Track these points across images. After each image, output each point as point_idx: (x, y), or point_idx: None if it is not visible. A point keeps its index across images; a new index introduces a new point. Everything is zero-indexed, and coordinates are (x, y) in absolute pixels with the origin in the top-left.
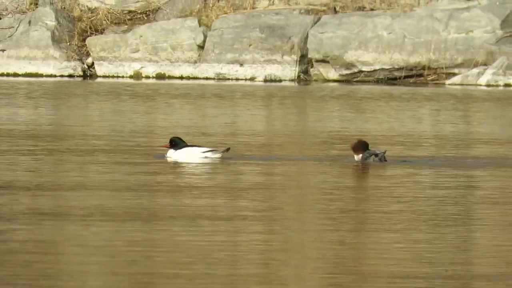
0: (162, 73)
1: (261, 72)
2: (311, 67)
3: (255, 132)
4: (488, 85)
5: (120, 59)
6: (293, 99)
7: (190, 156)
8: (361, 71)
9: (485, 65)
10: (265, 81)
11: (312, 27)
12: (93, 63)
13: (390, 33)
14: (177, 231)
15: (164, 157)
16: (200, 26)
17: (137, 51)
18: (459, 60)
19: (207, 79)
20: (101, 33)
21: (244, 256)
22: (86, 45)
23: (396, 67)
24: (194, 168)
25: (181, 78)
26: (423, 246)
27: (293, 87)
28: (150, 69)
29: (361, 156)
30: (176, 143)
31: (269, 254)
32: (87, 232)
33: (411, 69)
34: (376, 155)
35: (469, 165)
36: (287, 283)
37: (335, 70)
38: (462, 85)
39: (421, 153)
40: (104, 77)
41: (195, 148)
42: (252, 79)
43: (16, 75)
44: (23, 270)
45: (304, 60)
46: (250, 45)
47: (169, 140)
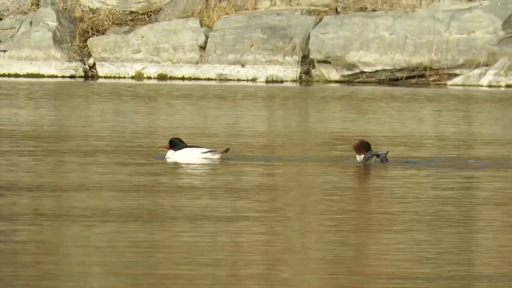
0: (163, 73)
1: (262, 73)
2: (313, 68)
3: (256, 133)
4: (489, 86)
5: (121, 59)
6: (295, 100)
7: (189, 157)
8: (362, 72)
9: (487, 66)
10: (267, 82)
11: (313, 27)
12: (94, 64)
13: (391, 34)
14: (178, 231)
15: (164, 158)
16: (201, 26)
17: (139, 51)
18: (461, 60)
19: (208, 80)
20: (103, 33)
21: (245, 257)
22: (87, 45)
23: (397, 67)
24: (195, 168)
25: (183, 79)
26: (425, 247)
27: (295, 88)
28: (151, 70)
29: (363, 156)
30: (175, 144)
31: (271, 254)
32: (89, 232)
33: (413, 70)
34: (378, 156)
35: (471, 166)
36: (289, 284)
37: (337, 71)
38: (463, 86)
39: (422, 154)
40: (105, 77)
41: (194, 149)
42: (253, 80)
43: (17, 75)
44: (25, 270)
45: (305, 61)
46: (251, 46)
47: (168, 141)
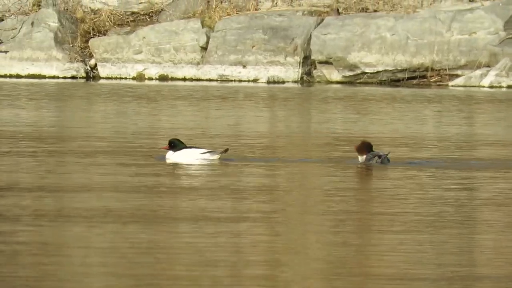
0: (165, 74)
1: (264, 73)
2: (314, 69)
3: (257, 133)
4: (491, 87)
5: (123, 60)
6: (296, 101)
7: (188, 157)
8: (364, 73)
9: (488, 66)
10: (268, 82)
11: (315, 28)
12: (96, 65)
13: (393, 35)
14: (179, 232)
15: (164, 158)
16: (203, 27)
17: (140, 52)
18: (462, 61)
19: (210, 80)
20: (104, 34)
21: (246, 257)
22: (89, 46)
23: (399, 68)
24: (196, 169)
25: (184, 79)
26: (426, 247)
27: (296, 89)
28: (153, 71)
29: (365, 157)
30: (175, 145)
31: (272, 255)
32: (90, 233)
33: (414, 71)
34: (379, 157)
35: (472, 167)
36: (290, 284)
37: (338, 71)
38: (465, 86)
39: (424, 155)
40: (107, 78)
41: (193, 149)
42: (255, 81)
43: (18, 76)
44: (26, 271)
45: (307, 61)
46: (253, 47)
47: (168, 141)
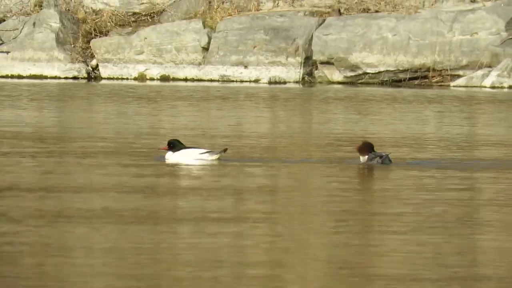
0: (166, 75)
1: (265, 74)
2: (316, 69)
3: (259, 134)
4: (492, 87)
5: (124, 61)
6: (298, 101)
7: (187, 157)
8: (365, 73)
9: (490, 67)
10: (270, 83)
11: (316, 29)
12: (97, 65)
13: (394, 35)
14: (181, 233)
15: (164, 159)
16: (204, 28)
17: (142, 53)
18: (464, 62)
19: (211, 81)
20: (106, 35)
21: (247, 258)
22: (90, 47)
23: (400, 69)
24: (197, 170)
25: (186, 80)
26: (428, 248)
27: (298, 89)
28: (154, 71)
29: (366, 157)
30: (174, 145)
31: (274, 256)
32: (92, 234)
33: (416, 71)
34: (380, 157)
35: (474, 167)
36: (292, 285)
37: (340, 72)
38: (466, 87)
39: (426, 155)
40: (108, 79)
41: (192, 150)
42: (256, 81)
43: (20, 77)
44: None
45: (308, 62)
46: (254, 47)
47: (167, 142)
